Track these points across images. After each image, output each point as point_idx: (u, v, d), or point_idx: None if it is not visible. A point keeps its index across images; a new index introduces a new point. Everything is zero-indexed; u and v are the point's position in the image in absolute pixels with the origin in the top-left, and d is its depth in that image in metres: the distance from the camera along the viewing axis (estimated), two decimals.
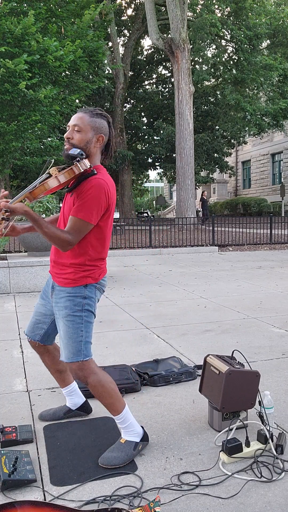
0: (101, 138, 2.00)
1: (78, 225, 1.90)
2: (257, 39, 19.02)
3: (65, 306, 2.00)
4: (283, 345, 3.68)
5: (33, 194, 1.89)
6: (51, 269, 2.11)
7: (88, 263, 2.00)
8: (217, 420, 2.24)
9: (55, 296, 2.06)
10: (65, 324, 1.99)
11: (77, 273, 1.99)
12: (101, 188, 1.90)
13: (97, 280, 2.04)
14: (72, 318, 1.99)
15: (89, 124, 1.97)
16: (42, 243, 6.97)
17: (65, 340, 2.00)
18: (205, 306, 5.27)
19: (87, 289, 2.01)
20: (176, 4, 16.28)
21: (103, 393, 2.01)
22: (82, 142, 1.96)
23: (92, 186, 1.90)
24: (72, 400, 2.41)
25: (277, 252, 12.00)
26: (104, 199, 1.92)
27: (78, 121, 1.97)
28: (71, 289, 2.00)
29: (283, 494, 1.75)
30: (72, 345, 1.98)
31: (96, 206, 1.90)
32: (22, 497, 1.76)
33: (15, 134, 13.55)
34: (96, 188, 1.89)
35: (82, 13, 13.97)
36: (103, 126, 2.01)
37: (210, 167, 25.46)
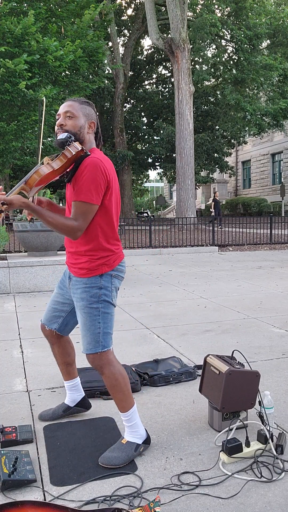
0: (92, 124, 2.02)
1: (82, 209, 1.88)
2: (257, 39, 19.03)
3: (81, 297, 2.00)
4: (283, 345, 3.68)
5: (29, 184, 1.87)
6: (67, 259, 2.11)
7: (101, 247, 1.98)
8: (217, 420, 2.24)
9: (72, 286, 2.06)
10: (83, 316, 2.00)
11: (92, 261, 1.98)
12: (95, 166, 1.88)
13: (113, 267, 2.01)
14: (89, 310, 1.98)
15: (80, 110, 1.98)
16: (42, 243, 6.97)
17: (83, 332, 2.00)
18: (205, 306, 5.27)
19: (102, 279, 2.00)
20: (176, 4, 16.28)
21: (116, 386, 2.00)
22: (76, 128, 1.96)
23: (86, 166, 1.88)
24: (72, 395, 2.39)
25: (277, 252, 12.00)
26: (101, 176, 1.89)
27: (69, 108, 1.97)
28: (86, 280, 1.99)
29: (283, 494, 1.75)
30: (90, 336, 1.98)
31: (95, 185, 1.88)
32: (22, 497, 1.76)
33: (15, 134, 13.56)
34: (91, 167, 1.87)
35: (82, 13, 13.97)
36: (92, 113, 2.03)
37: (210, 167, 25.47)
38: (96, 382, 2.73)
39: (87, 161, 1.90)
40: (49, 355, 3.50)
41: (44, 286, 6.52)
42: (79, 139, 1.97)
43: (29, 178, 1.87)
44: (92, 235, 1.97)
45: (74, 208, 1.90)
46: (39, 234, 6.89)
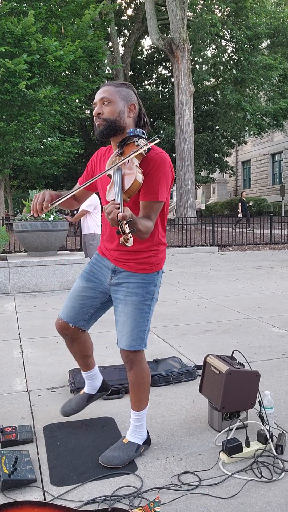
0: (133, 107, 1.87)
1: (156, 208, 1.82)
2: (257, 39, 19.03)
3: (135, 292, 1.92)
4: (283, 345, 3.68)
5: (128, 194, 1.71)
6: (113, 255, 1.99)
7: (160, 242, 1.95)
8: (217, 420, 2.24)
9: (118, 280, 1.97)
10: (133, 312, 1.92)
11: (154, 255, 1.94)
12: (166, 162, 1.80)
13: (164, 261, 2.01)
14: (142, 306, 1.93)
15: (117, 93, 1.84)
16: (42, 243, 6.97)
17: (129, 327, 1.92)
18: (205, 306, 5.27)
19: (158, 276, 1.98)
20: (176, 4, 16.28)
21: (141, 384, 2.00)
22: (115, 114, 1.82)
23: (159, 164, 1.79)
24: (92, 383, 2.32)
25: (277, 252, 12.00)
26: (171, 173, 1.84)
27: (105, 93, 1.83)
28: (145, 276, 1.93)
29: (283, 494, 1.75)
30: (137, 333, 1.93)
31: (166, 183, 1.83)
32: (22, 497, 1.76)
33: (15, 134, 13.56)
34: (164, 165, 1.80)
35: (82, 13, 13.98)
36: (131, 95, 1.88)
37: (210, 167, 25.48)
38: None
39: (157, 158, 1.79)
40: (49, 355, 3.50)
41: (44, 286, 6.52)
42: (120, 126, 1.83)
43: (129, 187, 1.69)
44: (155, 232, 1.93)
45: (148, 208, 1.80)
46: (39, 234, 6.89)
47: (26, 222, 6.86)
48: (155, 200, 1.81)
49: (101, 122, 1.82)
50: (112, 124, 1.82)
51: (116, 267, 1.98)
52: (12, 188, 28.91)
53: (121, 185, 1.70)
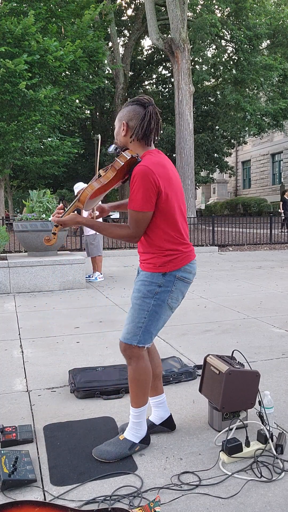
0: (123, 126, 1.99)
1: (134, 217, 1.92)
2: (257, 39, 19.02)
3: (138, 289, 2.02)
4: (283, 345, 3.68)
5: (81, 201, 1.94)
6: (139, 258, 2.14)
7: (168, 247, 1.99)
8: (217, 420, 2.24)
9: (137, 279, 2.09)
10: (132, 307, 2.02)
11: (158, 257, 1.99)
12: (142, 174, 1.88)
13: (179, 266, 1.99)
14: (140, 302, 1.99)
15: (118, 118, 2.02)
16: (42, 243, 6.97)
17: (127, 320, 2.03)
18: (205, 306, 5.27)
19: (165, 278, 1.99)
20: (176, 4, 16.28)
21: (138, 380, 2.01)
22: (116, 136, 2.04)
23: (134, 176, 1.90)
24: (158, 413, 2.23)
25: (277, 252, 12.00)
26: (149, 183, 1.88)
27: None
28: (149, 275, 2.00)
29: (283, 494, 1.75)
30: (131, 327, 1.99)
31: (143, 193, 1.88)
32: (22, 497, 1.76)
33: (15, 134, 13.56)
34: (138, 176, 1.88)
35: (82, 13, 13.98)
36: (127, 112, 1.99)
37: (210, 167, 25.48)
38: (96, 382, 2.73)
39: (135, 170, 1.90)
40: (49, 355, 3.50)
41: (44, 286, 6.52)
42: (121, 145, 2.01)
43: (80, 195, 1.93)
44: (154, 238, 1.98)
45: (128, 216, 1.94)
46: (39, 234, 6.89)
47: (26, 222, 6.86)
48: (131, 209, 1.92)
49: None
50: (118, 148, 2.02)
51: (139, 268, 2.14)
52: (12, 188, 28.93)
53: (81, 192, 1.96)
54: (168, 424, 2.24)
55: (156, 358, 2.23)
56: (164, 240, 1.98)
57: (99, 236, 7.39)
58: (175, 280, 1.99)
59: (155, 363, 2.21)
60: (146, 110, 1.96)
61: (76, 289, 6.65)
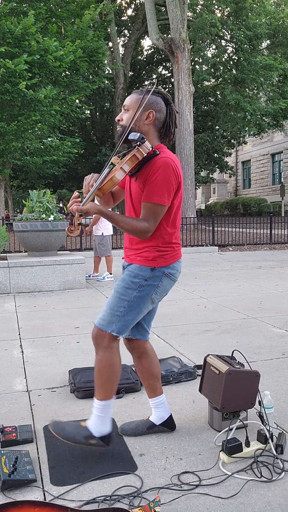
0: (151, 114, 1.90)
1: (154, 210, 1.86)
2: (257, 39, 19.02)
3: (122, 278, 1.98)
4: (283, 345, 3.68)
5: (103, 190, 1.83)
6: (125, 254, 2.08)
7: (162, 243, 1.96)
8: (217, 420, 2.24)
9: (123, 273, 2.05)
10: (113, 294, 1.97)
11: (151, 252, 1.95)
12: (168, 167, 1.83)
13: (168, 263, 1.98)
14: (123, 291, 1.95)
15: (136, 101, 1.90)
16: (42, 243, 6.97)
17: (105, 307, 1.98)
18: (205, 306, 5.27)
19: (153, 273, 1.96)
20: (176, 4, 16.28)
21: (101, 371, 1.95)
22: (130, 120, 1.89)
23: (159, 167, 1.83)
24: (159, 413, 2.22)
25: (277, 252, 12.00)
26: (173, 177, 1.86)
27: (127, 101, 1.92)
28: (137, 267, 1.96)
29: (283, 494, 1.75)
30: (108, 314, 1.94)
31: (167, 187, 1.85)
32: (22, 497, 1.76)
33: (15, 134, 13.56)
34: (164, 168, 1.83)
35: (82, 13, 13.99)
36: (154, 102, 1.91)
37: (210, 167, 25.49)
38: None
39: (160, 162, 1.83)
40: (49, 355, 3.51)
41: (44, 286, 6.52)
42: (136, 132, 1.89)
43: (104, 184, 1.81)
44: (156, 233, 1.95)
45: (146, 209, 1.86)
46: (39, 234, 6.89)
47: (26, 222, 6.86)
48: (151, 202, 1.84)
49: (119, 128, 1.92)
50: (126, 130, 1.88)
51: (125, 262, 2.08)
52: (12, 188, 28.91)
53: (101, 180, 1.82)
54: (169, 424, 2.23)
55: (154, 359, 2.21)
56: (162, 236, 1.96)
57: (107, 236, 7.44)
58: (162, 276, 1.98)
59: (153, 363, 2.19)
60: (170, 107, 1.95)
61: (76, 289, 6.65)
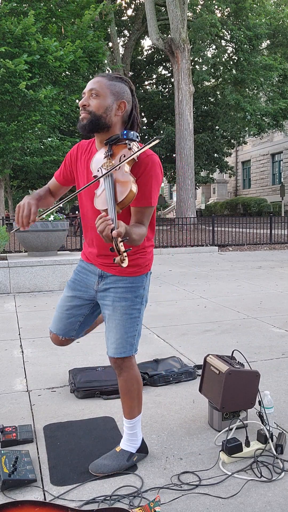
0: (122, 105, 1.72)
1: (148, 213, 1.73)
2: (257, 39, 19.03)
3: (125, 297, 1.83)
4: (283, 345, 3.68)
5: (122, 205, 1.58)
6: (100, 260, 1.88)
7: (146, 244, 1.87)
8: (217, 420, 2.24)
9: (105, 285, 1.87)
10: (122, 318, 1.83)
11: (141, 257, 1.84)
12: (156, 165, 1.71)
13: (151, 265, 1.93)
14: (131, 311, 1.83)
15: (108, 88, 1.70)
16: (42, 243, 6.97)
17: (118, 334, 1.83)
18: (205, 306, 5.27)
19: (147, 278, 1.89)
20: (176, 4, 16.28)
21: (131, 391, 1.91)
22: (101, 109, 1.69)
23: (151, 168, 1.69)
24: None
25: (277, 252, 12.00)
26: (161, 175, 1.75)
27: (95, 85, 1.70)
28: (133, 279, 1.83)
29: (283, 494, 1.75)
30: (126, 340, 1.83)
31: (157, 186, 1.74)
32: (22, 497, 1.76)
33: (15, 134, 13.56)
34: (154, 168, 1.70)
35: (82, 13, 13.98)
36: (125, 91, 1.74)
37: (210, 167, 25.47)
38: (96, 382, 2.73)
39: (149, 161, 1.69)
40: (49, 355, 3.51)
41: (44, 286, 6.52)
42: (105, 123, 1.71)
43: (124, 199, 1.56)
44: None
45: (140, 214, 1.71)
46: (39, 234, 6.89)
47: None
48: (148, 206, 1.72)
49: (86, 115, 1.71)
50: (96, 119, 1.70)
51: (103, 272, 1.89)
52: (13, 188, 28.91)
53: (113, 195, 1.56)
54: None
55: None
56: (146, 237, 1.85)
57: None
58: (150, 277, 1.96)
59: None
60: (134, 100, 1.79)
61: None
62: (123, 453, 1.94)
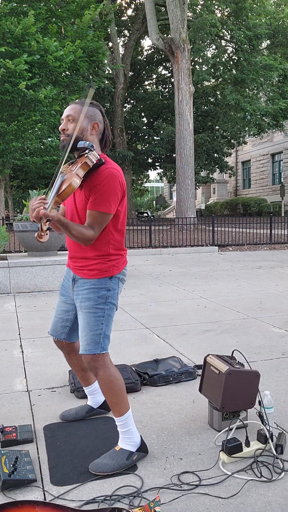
0: (96, 125, 1.99)
1: (99, 218, 1.90)
2: (257, 39, 19.03)
3: (88, 297, 1.99)
4: (283, 345, 3.68)
5: (61, 197, 1.83)
6: (72, 263, 2.09)
7: (110, 253, 2.00)
8: (217, 420, 2.24)
9: (77, 288, 2.05)
10: (86, 316, 1.98)
11: (103, 263, 1.98)
12: (114, 177, 1.90)
13: (121, 269, 2.04)
14: (95, 310, 1.97)
15: (82, 112, 1.96)
16: (42, 243, 6.97)
17: (84, 332, 1.98)
18: (205, 306, 5.27)
19: (111, 281, 2.00)
20: (176, 4, 16.28)
21: (111, 389, 1.97)
22: (78, 131, 1.94)
23: (106, 177, 1.89)
24: (95, 398, 2.42)
25: (277, 252, 12.00)
26: (119, 187, 1.92)
27: (71, 111, 1.97)
28: (96, 281, 1.99)
29: (283, 494, 1.75)
30: (91, 337, 1.96)
31: (114, 196, 1.90)
32: (22, 497, 1.76)
33: (15, 134, 13.56)
34: (111, 179, 1.89)
35: (82, 13, 13.97)
36: (96, 114, 2.01)
37: (210, 167, 25.48)
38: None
39: (106, 172, 1.90)
40: (49, 355, 3.51)
41: (44, 286, 6.52)
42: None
43: (63, 191, 1.81)
44: (103, 241, 1.98)
45: (92, 218, 1.90)
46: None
47: (26, 222, 6.87)
48: (98, 211, 1.89)
49: (65, 137, 1.96)
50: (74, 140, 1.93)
51: (75, 275, 2.08)
52: (12, 188, 28.92)
53: (58, 188, 1.83)
54: (105, 406, 2.44)
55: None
56: (111, 245, 1.99)
57: None
58: (119, 282, 2.05)
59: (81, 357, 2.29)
60: (105, 118, 2.05)
61: None
62: (123, 452, 1.96)
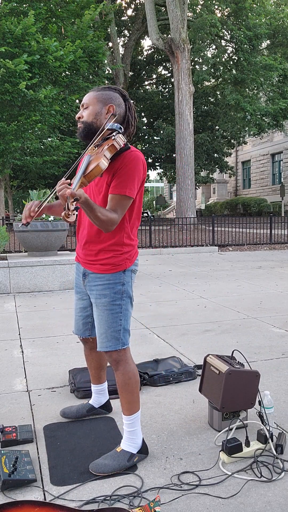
0: (111, 108, 1.89)
1: (123, 202, 1.85)
2: (257, 39, 19.02)
3: (103, 294, 1.94)
4: (283, 345, 3.68)
5: (89, 177, 1.73)
6: (81, 258, 2.03)
7: (124, 242, 1.94)
8: (217, 420, 2.24)
9: (88, 283, 2.00)
10: (104, 313, 1.94)
11: (116, 256, 1.93)
12: (139, 160, 1.87)
13: (133, 261, 1.99)
14: (112, 307, 1.93)
15: (95, 97, 1.91)
16: (42, 243, 6.97)
17: (103, 329, 1.94)
18: (205, 306, 5.27)
19: (125, 275, 1.96)
20: (176, 4, 16.28)
21: (128, 385, 1.95)
22: (91, 116, 1.89)
23: (131, 160, 1.85)
24: (98, 398, 2.42)
25: (277, 252, 12.00)
26: (142, 171, 1.90)
27: (85, 99, 1.93)
28: (110, 276, 1.94)
29: (283, 494, 1.75)
30: (111, 333, 1.93)
31: (137, 180, 1.88)
32: (22, 497, 1.76)
33: (15, 134, 13.55)
34: (136, 162, 1.86)
35: (82, 13, 13.98)
36: (113, 97, 1.92)
37: (210, 167, 25.47)
38: None
39: (130, 155, 1.86)
40: (49, 355, 3.51)
41: (44, 286, 6.52)
42: (97, 127, 1.89)
43: (90, 171, 1.71)
44: (118, 228, 1.92)
45: (114, 201, 1.84)
46: (39, 234, 6.89)
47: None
48: (123, 194, 1.84)
49: (80, 125, 1.92)
50: (88, 126, 1.90)
51: (85, 270, 2.03)
52: (12, 188, 28.91)
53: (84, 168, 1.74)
54: (106, 407, 2.45)
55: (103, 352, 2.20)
56: (125, 233, 1.94)
57: None
58: (131, 274, 2.00)
59: (102, 356, 2.29)
60: (128, 102, 1.96)
61: None
62: (124, 454, 1.95)
